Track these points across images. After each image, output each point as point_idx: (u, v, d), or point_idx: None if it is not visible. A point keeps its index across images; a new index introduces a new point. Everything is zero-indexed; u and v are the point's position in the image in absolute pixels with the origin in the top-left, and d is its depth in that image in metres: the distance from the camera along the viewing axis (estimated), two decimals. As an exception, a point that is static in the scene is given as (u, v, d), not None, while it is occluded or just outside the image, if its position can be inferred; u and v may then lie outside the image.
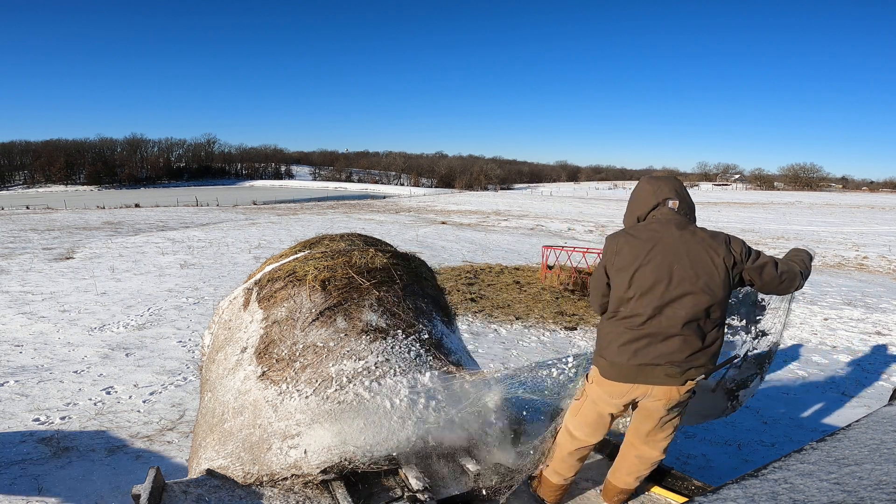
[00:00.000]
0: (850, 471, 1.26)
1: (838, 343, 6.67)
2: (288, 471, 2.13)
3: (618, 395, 2.10)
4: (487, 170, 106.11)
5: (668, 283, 1.97)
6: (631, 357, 2.01)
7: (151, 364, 5.36)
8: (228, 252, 13.37)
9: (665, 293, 1.97)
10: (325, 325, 2.55)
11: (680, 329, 1.97)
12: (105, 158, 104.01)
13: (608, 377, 2.08)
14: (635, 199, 2.18)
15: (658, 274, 1.98)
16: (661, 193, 2.11)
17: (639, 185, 2.22)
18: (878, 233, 22.12)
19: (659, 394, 2.07)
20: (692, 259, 1.98)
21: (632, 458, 2.26)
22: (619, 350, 2.02)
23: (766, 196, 62.53)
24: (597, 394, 2.15)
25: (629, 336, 2.01)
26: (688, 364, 2.00)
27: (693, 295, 1.96)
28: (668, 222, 2.06)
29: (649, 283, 1.98)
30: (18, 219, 24.23)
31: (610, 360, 2.06)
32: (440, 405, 2.36)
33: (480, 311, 7.51)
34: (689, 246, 2.00)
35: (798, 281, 2.10)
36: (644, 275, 1.99)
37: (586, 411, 2.21)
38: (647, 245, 2.01)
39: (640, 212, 2.15)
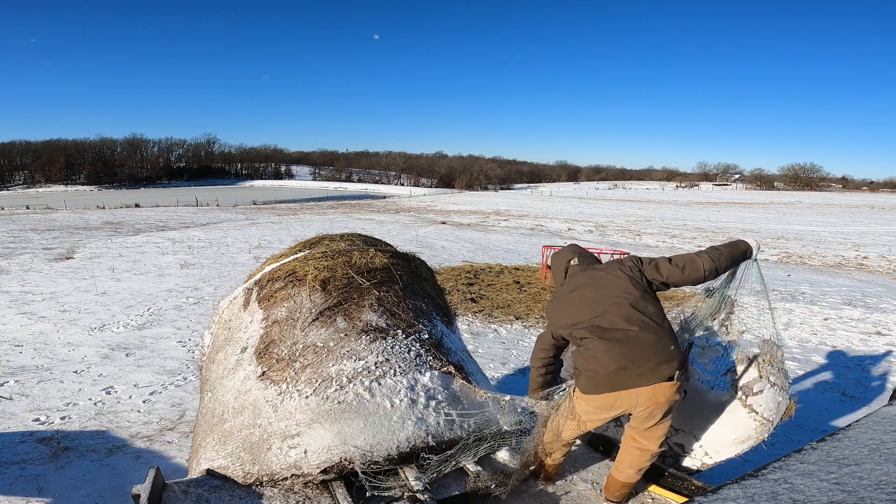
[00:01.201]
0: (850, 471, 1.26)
1: (838, 343, 6.67)
2: (288, 471, 2.13)
3: (604, 407, 2.25)
4: (487, 170, 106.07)
5: (593, 307, 2.31)
6: (604, 367, 2.19)
7: (151, 364, 5.36)
8: (228, 252, 13.38)
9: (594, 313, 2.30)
10: (325, 325, 2.55)
11: (625, 330, 2.23)
12: (105, 158, 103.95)
13: (589, 392, 2.25)
14: (553, 272, 2.67)
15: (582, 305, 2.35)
16: (564, 259, 2.60)
17: (551, 260, 2.71)
18: (878, 233, 22.12)
19: (645, 400, 2.20)
20: (600, 283, 2.38)
21: (633, 450, 2.36)
22: (592, 363, 2.22)
23: (766, 196, 62.56)
24: (583, 408, 2.32)
25: (592, 352, 2.23)
26: (652, 359, 2.17)
27: (615, 301, 2.29)
28: (576, 273, 2.50)
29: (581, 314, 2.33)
30: (18, 219, 24.23)
31: (587, 375, 2.25)
32: (440, 405, 2.36)
33: (480, 311, 7.50)
34: (594, 277, 2.42)
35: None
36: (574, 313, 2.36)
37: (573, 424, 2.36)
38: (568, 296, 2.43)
39: (559, 280, 2.61)
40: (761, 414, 2.36)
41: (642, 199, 51.07)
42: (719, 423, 2.46)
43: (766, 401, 2.36)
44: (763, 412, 2.35)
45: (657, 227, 23.58)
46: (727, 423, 2.43)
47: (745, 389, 2.41)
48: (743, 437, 2.40)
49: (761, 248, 2.56)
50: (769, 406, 2.36)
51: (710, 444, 2.49)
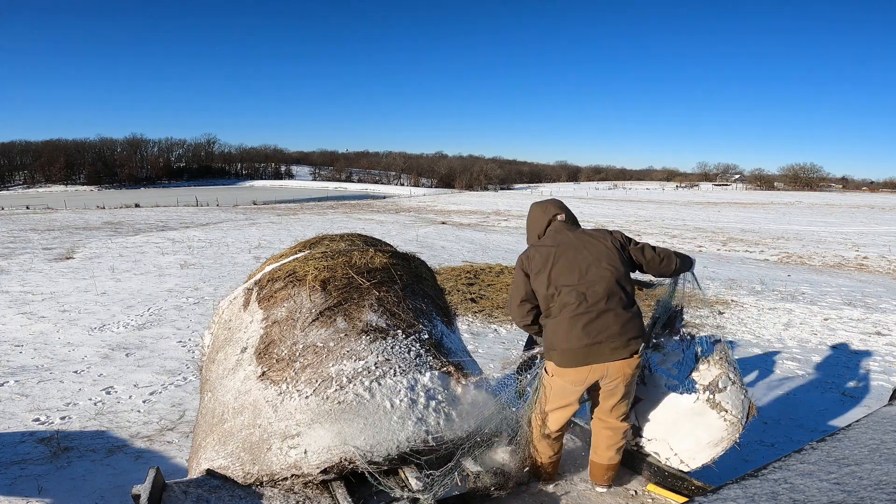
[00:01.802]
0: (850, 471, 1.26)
1: (838, 343, 6.67)
2: (288, 471, 2.13)
3: (578, 381, 2.30)
4: (487, 170, 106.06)
5: (580, 272, 2.31)
6: (578, 340, 2.23)
7: (151, 364, 5.36)
8: (228, 252, 13.38)
9: (581, 279, 2.30)
10: (325, 325, 2.55)
11: (605, 305, 2.27)
12: (105, 158, 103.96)
13: (564, 365, 2.28)
14: (532, 222, 2.59)
15: (569, 267, 2.33)
16: (549, 212, 2.56)
17: (531, 210, 2.64)
18: (878, 233, 22.13)
19: (614, 373, 2.28)
20: (589, 249, 2.38)
21: (605, 431, 2.43)
22: (567, 338, 2.25)
23: (766, 196, 62.56)
24: (558, 384, 2.34)
25: (569, 324, 2.26)
26: (625, 335, 2.26)
27: (602, 274, 2.31)
28: (561, 230, 2.48)
29: (565, 277, 2.31)
30: (18, 219, 24.23)
31: (560, 349, 2.27)
32: (440, 405, 2.36)
33: (480, 311, 7.50)
34: (584, 240, 2.42)
35: (674, 260, 2.51)
36: (558, 271, 2.32)
37: (553, 401, 2.38)
38: (552, 249, 2.38)
39: (538, 230, 2.56)
40: (731, 413, 2.38)
41: (642, 199, 51.08)
42: (692, 427, 2.44)
43: (731, 398, 2.39)
44: (731, 410, 2.38)
45: (657, 227, 23.58)
46: (700, 425, 2.42)
47: (710, 388, 2.41)
48: (716, 438, 2.40)
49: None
50: (735, 404, 2.39)
51: (685, 451, 2.47)
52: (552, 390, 2.38)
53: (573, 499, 2.39)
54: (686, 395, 2.45)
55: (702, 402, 2.40)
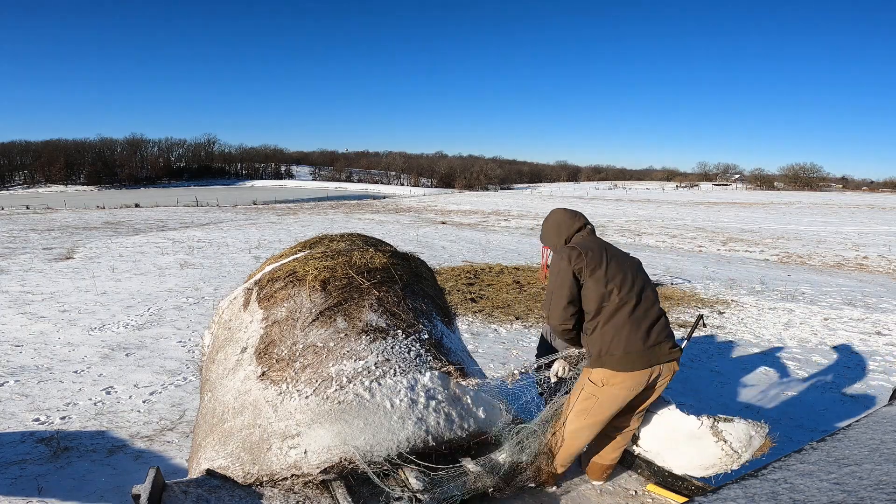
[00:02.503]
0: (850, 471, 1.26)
1: (838, 343, 6.67)
2: (288, 471, 2.13)
3: (638, 384, 2.25)
4: (487, 170, 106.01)
5: (632, 275, 2.32)
6: (642, 342, 2.21)
7: (151, 364, 5.36)
8: (228, 252, 13.37)
9: (635, 282, 2.31)
10: (325, 325, 2.55)
11: (658, 308, 2.33)
12: (105, 158, 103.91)
13: (625, 370, 2.21)
14: (558, 226, 2.55)
15: (622, 268, 2.32)
16: (580, 220, 2.56)
17: (557, 214, 2.60)
18: (878, 233, 22.12)
19: (666, 371, 2.31)
20: (627, 257, 2.43)
21: (619, 435, 2.44)
22: (629, 340, 2.20)
23: (766, 196, 62.55)
24: (612, 392, 2.25)
25: (631, 325, 2.22)
26: (673, 337, 2.34)
27: (647, 282, 2.38)
28: (595, 237, 2.49)
29: (621, 276, 2.29)
30: (18, 219, 24.23)
31: (621, 353, 2.20)
32: (440, 405, 2.36)
33: (480, 311, 7.50)
34: (617, 249, 2.45)
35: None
36: (613, 269, 2.29)
37: (597, 413, 2.30)
38: (601, 248, 2.37)
39: (566, 234, 2.53)
40: (730, 444, 2.32)
41: (642, 199, 51.07)
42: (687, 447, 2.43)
43: (737, 431, 2.33)
44: (732, 442, 2.32)
45: (657, 227, 23.58)
46: (695, 447, 2.41)
47: (717, 417, 2.39)
48: (707, 463, 2.37)
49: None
50: (739, 437, 2.32)
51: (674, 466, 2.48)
52: (599, 401, 2.27)
53: (573, 499, 2.39)
54: (692, 416, 2.43)
55: (705, 427, 2.38)
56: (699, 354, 6.05)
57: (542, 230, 2.65)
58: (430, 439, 2.25)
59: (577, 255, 2.30)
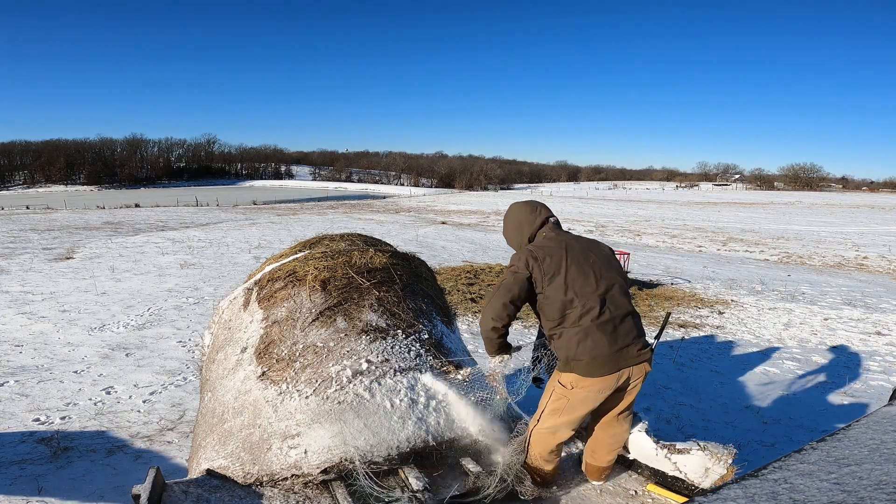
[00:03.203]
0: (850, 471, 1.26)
1: (838, 343, 6.67)
2: (288, 471, 2.13)
3: (606, 388, 2.22)
4: (487, 170, 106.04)
5: (596, 277, 2.23)
6: (608, 346, 2.16)
7: (151, 364, 5.36)
8: (228, 252, 13.37)
9: (599, 283, 2.21)
10: (325, 325, 2.55)
11: (626, 308, 2.24)
12: (105, 158, 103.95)
13: (593, 375, 2.18)
14: (519, 224, 2.40)
15: (584, 271, 2.22)
16: (542, 213, 2.40)
17: (516, 210, 2.44)
18: (878, 233, 22.12)
19: (637, 373, 2.25)
20: (595, 253, 2.31)
21: (607, 438, 2.40)
22: (595, 346, 2.15)
23: (766, 196, 62.56)
24: (582, 395, 2.22)
25: (597, 331, 2.15)
26: (642, 336, 2.27)
27: (616, 280, 2.27)
28: (559, 233, 2.35)
29: (581, 281, 2.19)
30: (18, 219, 24.23)
31: (589, 358, 2.16)
32: (440, 405, 2.36)
33: (480, 311, 7.50)
34: (586, 244, 2.33)
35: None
36: (573, 274, 2.20)
37: (569, 412, 2.26)
38: (561, 252, 2.24)
39: (529, 232, 2.38)
40: (685, 474, 2.28)
41: (642, 199, 51.07)
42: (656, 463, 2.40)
43: (691, 463, 2.27)
44: (687, 473, 2.28)
45: (657, 227, 23.58)
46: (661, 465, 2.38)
47: (670, 448, 2.34)
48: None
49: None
50: (694, 469, 2.27)
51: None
52: (570, 402, 2.25)
53: (573, 499, 2.39)
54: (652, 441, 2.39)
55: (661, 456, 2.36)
56: (699, 354, 6.05)
57: (504, 230, 2.49)
58: (431, 439, 2.25)
59: (535, 260, 2.21)
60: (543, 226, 2.38)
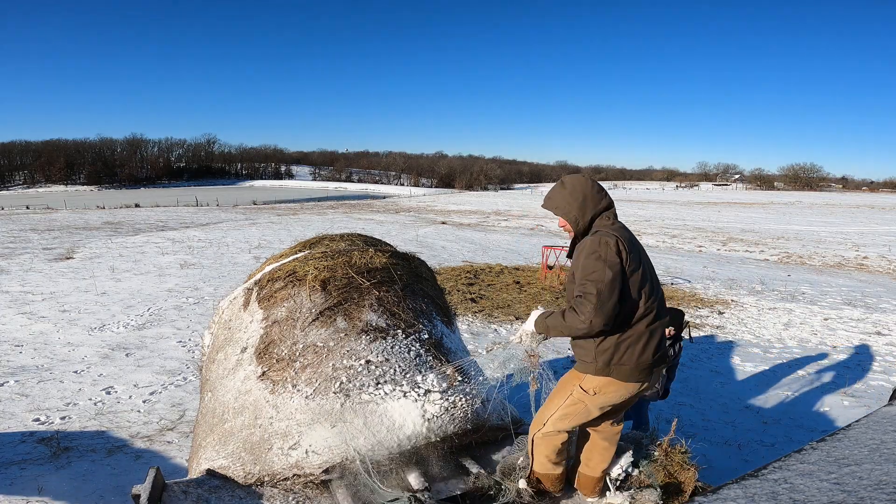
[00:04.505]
0: (850, 471, 1.26)
1: (838, 343, 6.67)
2: (289, 471, 2.13)
3: (630, 394, 2.13)
4: (487, 170, 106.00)
5: (653, 276, 2.13)
6: (653, 353, 2.07)
7: (151, 364, 5.36)
8: (228, 252, 13.37)
9: (657, 286, 2.12)
10: (325, 325, 2.55)
11: (664, 316, 2.16)
12: (105, 158, 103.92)
13: (629, 380, 2.06)
14: (586, 197, 2.11)
15: (650, 269, 2.11)
16: (607, 197, 2.17)
17: (580, 182, 2.15)
18: (878, 233, 22.13)
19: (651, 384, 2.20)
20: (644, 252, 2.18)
21: (602, 443, 2.31)
22: (643, 352, 2.03)
23: (767, 196, 62.57)
24: (602, 401, 2.11)
25: (648, 336, 2.04)
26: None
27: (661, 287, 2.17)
28: (624, 225, 2.17)
29: (650, 280, 2.08)
30: (18, 219, 24.23)
31: (634, 364, 2.03)
32: (440, 404, 2.36)
33: (480, 311, 7.50)
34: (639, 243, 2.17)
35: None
36: (645, 271, 2.07)
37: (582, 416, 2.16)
38: (638, 246, 2.10)
39: (592, 211, 2.12)
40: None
41: (642, 199, 51.07)
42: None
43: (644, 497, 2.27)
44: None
45: (657, 227, 23.58)
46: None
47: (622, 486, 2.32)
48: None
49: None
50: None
51: None
52: (587, 408, 2.12)
53: (575, 503, 2.38)
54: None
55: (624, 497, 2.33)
56: (699, 354, 6.05)
57: (556, 197, 2.16)
58: (433, 436, 2.25)
59: (623, 248, 1.97)
60: (607, 210, 2.13)
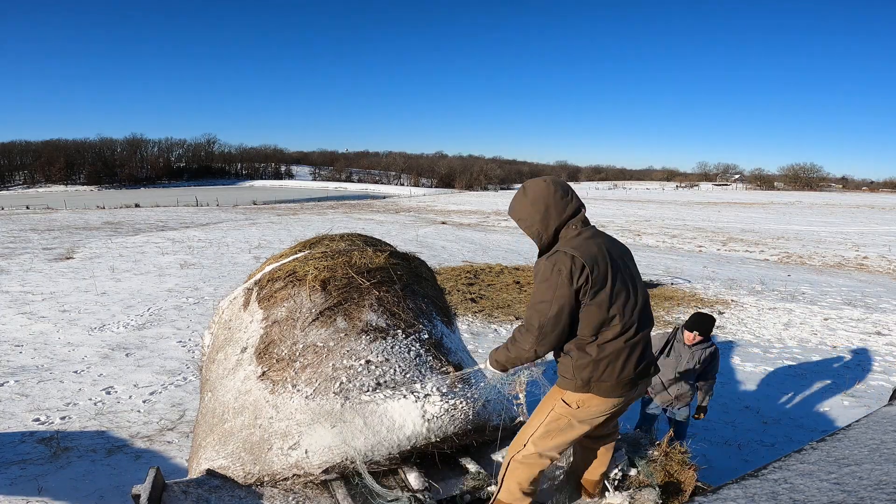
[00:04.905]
0: (850, 471, 1.26)
1: (838, 343, 6.67)
2: (289, 471, 2.13)
3: (619, 405, 2.03)
4: (487, 170, 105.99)
5: (633, 289, 1.96)
6: (635, 366, 1.95)
7: (151, 364, 5.36)
8: (228, 252, 13.38)
9: (637, 298, 1.96)
10: (325, 324, 2.55)
11: (653, 323, 2.06)
12: (105, 158, 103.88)
13: (612, 396, 1.97)
14: (548, 205, 1.92)
15: (625, 281, 1.93)
16: (574, 201, 1.95)
17: (541, 189, 1.94)
18: (878, 233, 22.13)
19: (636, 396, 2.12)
20: (628, 259, 2.02)
21: (603, 450, 2.29)
22: (625, 367, 1.93)
23: (767, 196, 62.57)
24: (588, 413, 2.00)
25: (629, 350, 1.93)
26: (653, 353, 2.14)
27: (646, 291, 2.02)
28: (595, 233, 1.96)
29: (625, 294, 1.91)
30: (18, 219, 24.23)
31: (615, 380, 1.93)
32: (440, 404, 2.36)
33: (480, 311, 7.51)
34: (620, 249, 2.01)
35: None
36: (618, 287, 1.89)
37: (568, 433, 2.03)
38: (606, 260, 1.88)
39: (557, 220, 1.93)
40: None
41: (642, 199, 51.08)
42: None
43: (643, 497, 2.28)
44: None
45: (657, 227, 23.58)
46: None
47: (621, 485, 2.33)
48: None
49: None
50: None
51: None
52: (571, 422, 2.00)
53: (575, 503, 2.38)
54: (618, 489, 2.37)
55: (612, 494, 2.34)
56: (699, 354, 6.05)
57: (517, 206, 1.99)
58: (433, 436, 2.25)
59: (581, 269, 1.81)
60: (574, 217, 1.93)
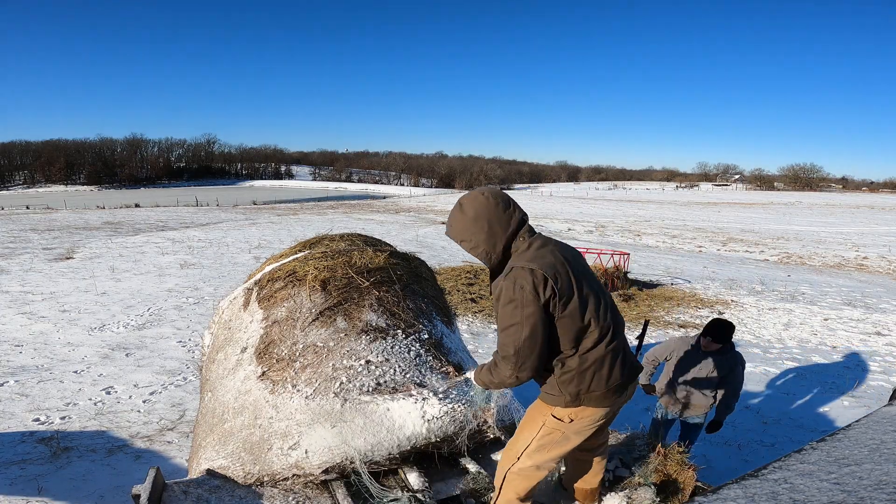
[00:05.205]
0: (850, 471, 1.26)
1: (838, 343, 6.67)
2: (289, 471, 2.13)
3: (611, 413, 2.01)
4: (487, 170, 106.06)
5: (600, 292, 1.91)
6: (620, 371, 1.92)
7: (151, 364, 5.36)
8: (228, 252, 13.37)
9: (605, 300, 1.91)
10: (325, 325, 2.55)
11: (622, 326, 2.01)
12: (105, 158, 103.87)
13: (603, 405, 1.93)
14: (489, 221, 1.79)
15: (591, 285, 1.87)
16: (518, 211, 1.84)
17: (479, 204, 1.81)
18: (878, 233, 22.13)
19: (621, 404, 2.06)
20: (584, 263, 1.97)
21: (596, 460, 2.26)
22: (611, 374, 1.88)
23: (767, 196, 62.58)
24: (580, 426, 1.96)
25: (611, 356, 1.87)
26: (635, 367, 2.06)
27: (609, 294, 1.98)
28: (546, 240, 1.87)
29: (594, 298, 1.84)
30: (18, 219, 24.22)
31: (604, 389, 1.88)
32: (440, 404, 2.36)
33: (480, 311, 7.50)
34: (573, 253, 1.94)
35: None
36: (586, 292, 1.82)
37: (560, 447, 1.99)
38: (566, 267, 1.80)
39: (503, 237, 1.81)
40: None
41: (642, 200, 51.06)
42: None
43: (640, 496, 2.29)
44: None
45: (657, 228, 23.58)
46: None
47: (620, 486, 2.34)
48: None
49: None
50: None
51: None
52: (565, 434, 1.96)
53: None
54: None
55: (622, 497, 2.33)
56: (699, 354, 6.05)
57: (456, 225, 1.85)
58: (433, 437, 2.25)
59: (544, 282, 1.72)
60: (520, 228, 1.84)
